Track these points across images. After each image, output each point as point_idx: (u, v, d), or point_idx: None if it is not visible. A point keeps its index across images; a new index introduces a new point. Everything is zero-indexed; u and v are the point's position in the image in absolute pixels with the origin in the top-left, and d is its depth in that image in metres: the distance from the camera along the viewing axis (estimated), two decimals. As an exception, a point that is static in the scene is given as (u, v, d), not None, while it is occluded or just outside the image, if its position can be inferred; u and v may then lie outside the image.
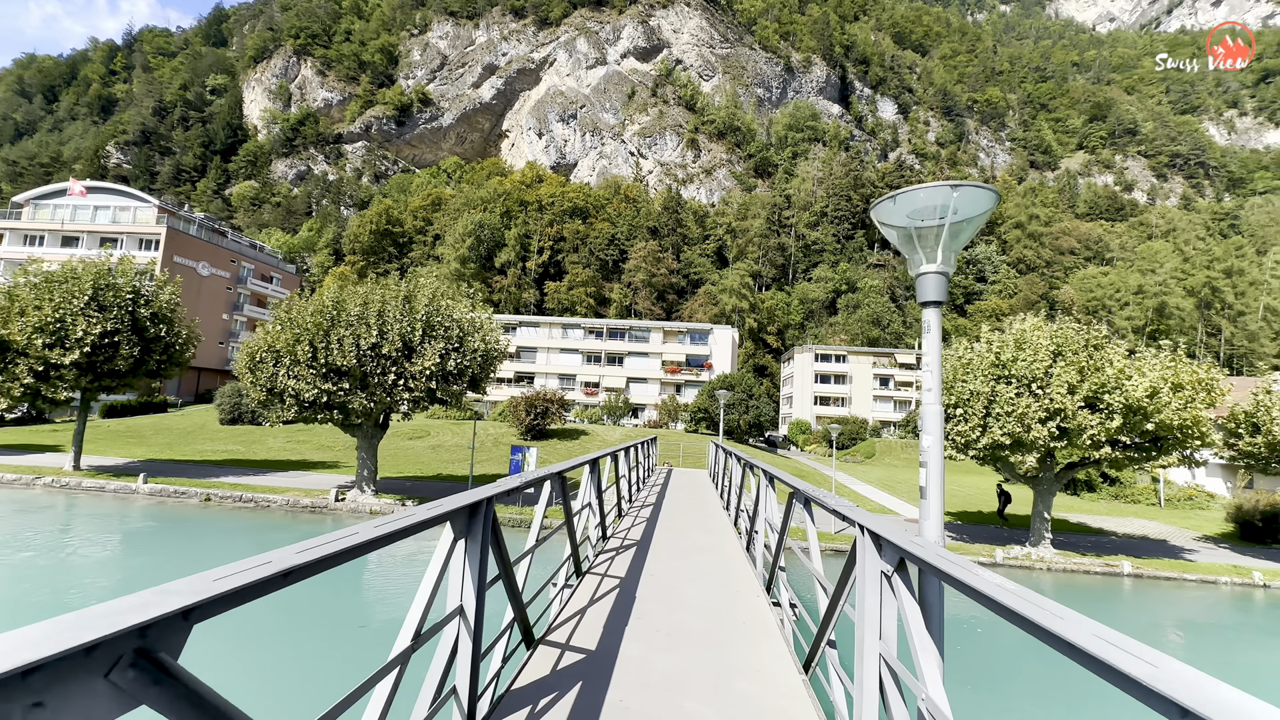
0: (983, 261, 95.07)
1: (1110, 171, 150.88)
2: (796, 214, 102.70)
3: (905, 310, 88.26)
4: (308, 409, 19.65)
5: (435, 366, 19.69)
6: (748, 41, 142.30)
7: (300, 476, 25.14)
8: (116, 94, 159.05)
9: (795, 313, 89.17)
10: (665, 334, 60.26)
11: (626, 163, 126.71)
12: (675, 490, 14.67)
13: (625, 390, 56.56)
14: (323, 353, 18.77)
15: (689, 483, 17.17)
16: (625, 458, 10.69)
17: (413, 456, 31.19)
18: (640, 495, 12.94)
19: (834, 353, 65.95)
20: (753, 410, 41.17)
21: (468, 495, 2.79)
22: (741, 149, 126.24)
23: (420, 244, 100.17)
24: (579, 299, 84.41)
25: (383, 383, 19.53)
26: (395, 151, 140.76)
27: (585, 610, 5.01)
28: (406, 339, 19.68)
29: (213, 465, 26.95)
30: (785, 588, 5.50)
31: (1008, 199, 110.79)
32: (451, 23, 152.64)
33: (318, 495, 21.34)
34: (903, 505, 26.76)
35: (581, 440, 33.99)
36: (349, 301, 19.56)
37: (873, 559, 2.82)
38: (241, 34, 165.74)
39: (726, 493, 11.97)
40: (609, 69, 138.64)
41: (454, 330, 20.72)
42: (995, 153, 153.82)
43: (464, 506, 2.68)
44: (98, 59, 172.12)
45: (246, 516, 19.86)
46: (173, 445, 32.19)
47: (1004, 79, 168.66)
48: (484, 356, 21.78)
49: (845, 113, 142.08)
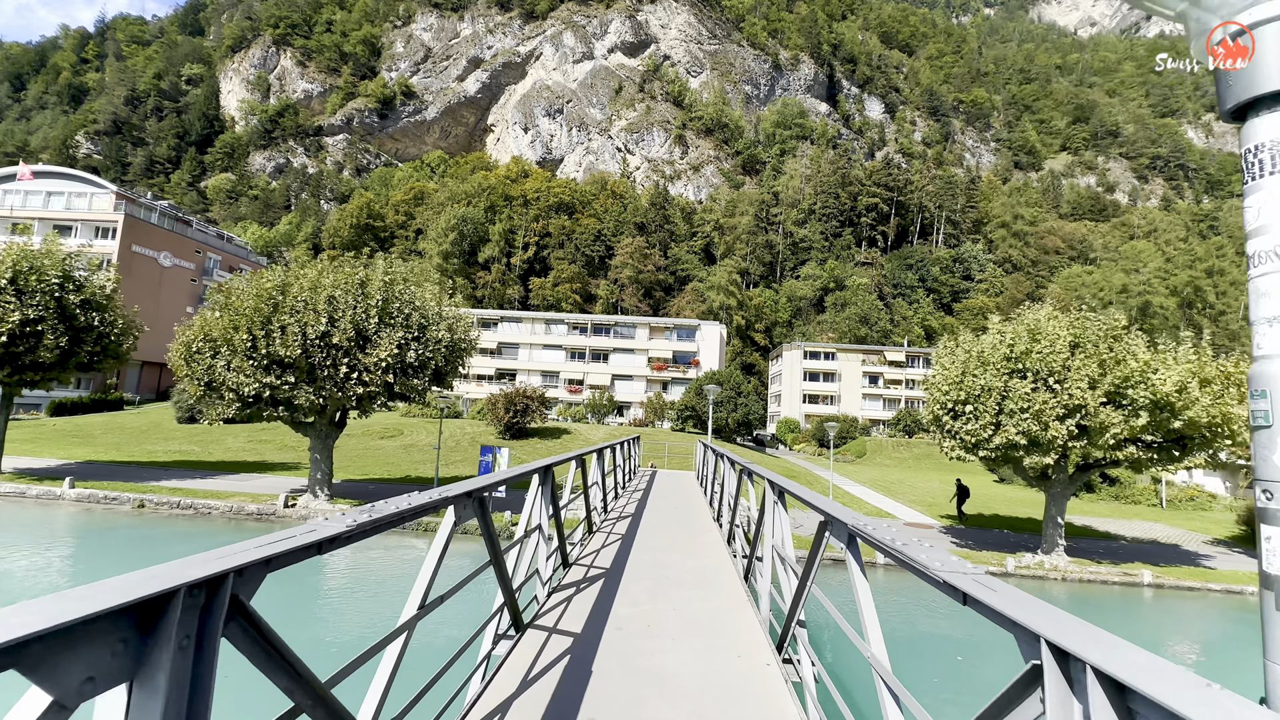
0: (969, 260, 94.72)
1: (1093, 172, 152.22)
2: (785, 211, 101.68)
3: (893, 308, 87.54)
4: (251, 405, 17.60)
5: (393, 358, 17.71)
6: (736, 38, 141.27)
7: (253, 480, 23.09)
8: (88, 83, 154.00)
9: (783, 310, 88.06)
10: (652, 330, 58.53)
11: (614, 158, 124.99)
12: (659, 498, 12.95)
13: (610, 388, 54.77)
14: (263, 342, 16.59)
15: (674, 488, 15.49)
16: (599, 461, 8.98)
17: (382, 457, 29.21)
18: (618, 504, 11.25)
19: (823, 350, 64.75)
20: (741, 408, 39.67)
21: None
22: (729, 146, 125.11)
23: (402, 239, 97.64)
24: (564, 295, 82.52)
25: (333, 376, 17.42)
26: (378, 145, 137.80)
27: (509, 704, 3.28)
28: (360, 327, 17.59)
29: (159, 468, 24.74)
30: (805, 650, 3.89)
31: (992, 200, 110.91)
32: (436, 14, 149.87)
33: (266, 501, 19.29)
34: (902, 509, 25.38)
35: (563, 440, 32.20)
36: (294, 285, 17.50)
37: None
38: (219, 23, 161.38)
39: (717, 502, 10.31)
40: (596, 63, 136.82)
41: (415, 318, 18.67)
42: (980, 153, 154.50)
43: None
44: (69, 47, 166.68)
45: (183, 524, 17.81)
46: (121, 446, 29.89)
47: (989, 80, 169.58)
48: (449, 348, 19.76)
49: (833, 111, 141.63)
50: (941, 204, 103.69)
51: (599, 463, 8.94)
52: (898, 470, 39.34)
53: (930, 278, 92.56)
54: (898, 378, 62.46)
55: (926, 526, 22.25)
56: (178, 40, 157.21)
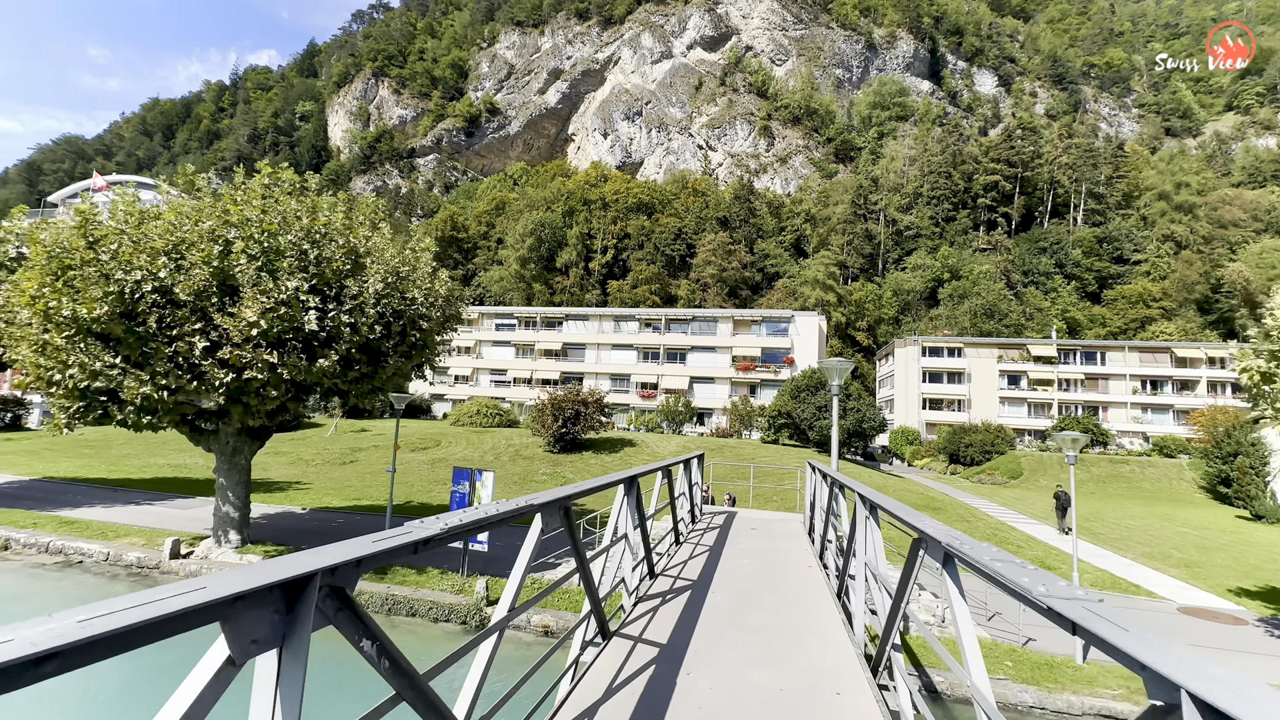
0: (1122, 239, 79.45)
1: (1272, 132, 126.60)
2: (886, 197, 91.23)
3: (1024, 299, 74.70)
4: (86, 400, 12.42)
5: (274, 322, 11.31)
6: (824, 20, 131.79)
7: (169, 508, 18.79)
8: (222, 128, 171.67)
9: (889, 306, 77.91)
10: (736, 324, 51.59)
11: (694, 156, 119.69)
12: (732, 584, 6.42)
13: (688, 392, 48.60)
14: (65, 301, 11.18)
15: (764, 555, 8.43)
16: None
17: (396, 475, 24.15)
18: (637, 612, 5.28)
19: (947, 345, 54.71)
20: (851, 414, 32.19)
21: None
22: (820, 133, 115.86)
23: (484, 249, 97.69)
24: (643, 297, 77.71)
25: (182, 352, 11.60)
26: (465, 162, 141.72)
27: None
28: (225, 275, 11.50)
29: (60, 484, 21.16)
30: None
31: (1142, 170, 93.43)
32: (518, 32, 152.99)
33: (155, 545, 14.61)
34: (1152, 575, 16.77)
35: (624, 453, 26.48)
36: (122, 210, 11.99)
37: None
38: (329, 64, 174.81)
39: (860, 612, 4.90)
40: (675, 62, 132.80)
41: (335, 263, 12.41)
42: (1119, 121, 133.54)
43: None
44: (209, 98, 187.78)
45: (46, 578, 13.71)
46: (128, 459, 27.19)
47: (1124, 40, 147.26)
48: (398, 315, 13.50)
49: (937, 89, 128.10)
50: (1080, 177, 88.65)
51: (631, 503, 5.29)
52: (1083, 500, 29.35)
53: (1070, 262, 78.53)
54: (1047, 376, 51.00)
55: (1234, 619, 13.92)
56: (294, 83, 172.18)
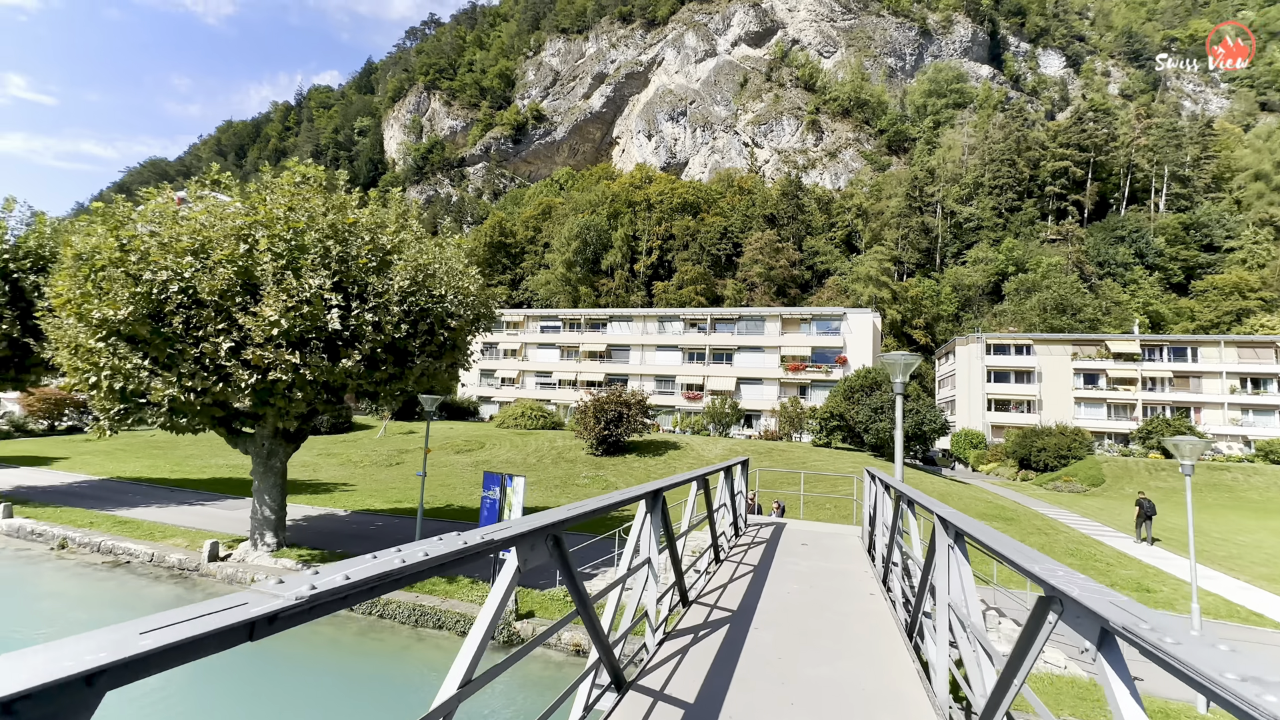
0: (1213, 225, 72.80)
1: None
2: (943, 188, 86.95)
3: (1100, 292, 69.43)
4: (122, 402, 12.48)
5: (294, 320, 11.21)
6: (874, 9, 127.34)
7: (218, 509, 19.13)
8: (288, 146, 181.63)
9: (948, 302, 74.04)
10: (784, 323, 49.99)
11: (740, 154, 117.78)
12: (780, 617, 5.61)
13: (735, 393, 47.37)
14: (96, 303, 11.38)
15: (817, 578, 7.39)
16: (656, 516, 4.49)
17: (437, 477, 24.38)
18: (662, 653, 4.49)
19: (1014, 342, 51.26)
20: (910, 416, 30.36)
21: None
22: (871, 125, 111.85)
23: (531, 253, 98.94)
24: (688, 298, 76.72)
25: (209, 354, 11.62)
26: (513, 169, 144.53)
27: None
28: (248, 274, 11.52)
29: (125, 484, 22.04)
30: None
31: (1235, 149, 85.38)
32: (563, 40, 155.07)
33: (197, 547, 14.92)
34: None
35: (668, 456, 25.71)
36: (154, 212, 12.01)
37: None
38: (385, 80, 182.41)
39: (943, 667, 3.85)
40: (719, 60, 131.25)
41: (361, 260, 12.26)
42: (1206, 97, 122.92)
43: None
44: (276, 118, 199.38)
45: (94, 578, 13.99)
46: (195, 459, 28.30)
47: (1209, 10, 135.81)
48: (424, 314, 13.20)
49: (998, 73, 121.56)
50: (1162, 159, 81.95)
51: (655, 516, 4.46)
52: (1176, 511, 24.08)
53: (1151, 251, 72.55)
54: (1129, 375, 46.85)
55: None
56: (353, 100, 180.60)
